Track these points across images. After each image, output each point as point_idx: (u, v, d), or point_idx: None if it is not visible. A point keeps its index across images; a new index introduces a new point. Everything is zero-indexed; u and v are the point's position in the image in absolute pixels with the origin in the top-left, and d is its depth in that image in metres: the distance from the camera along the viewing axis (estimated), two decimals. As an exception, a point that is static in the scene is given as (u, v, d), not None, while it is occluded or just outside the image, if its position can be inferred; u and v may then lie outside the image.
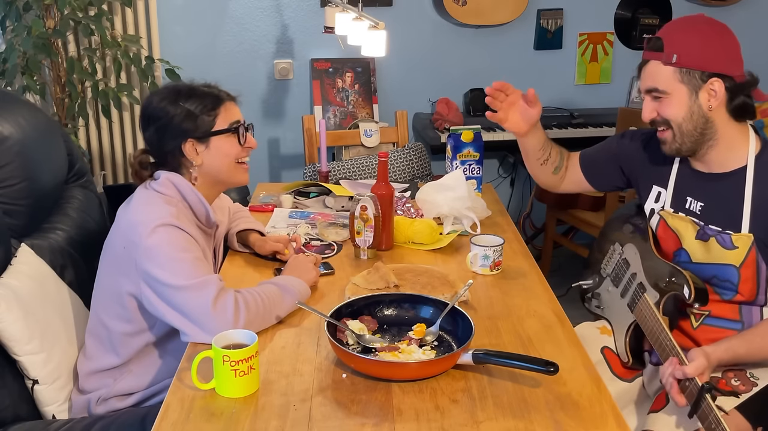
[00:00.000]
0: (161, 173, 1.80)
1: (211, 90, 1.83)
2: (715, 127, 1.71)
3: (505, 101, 1.97)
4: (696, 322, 1.79)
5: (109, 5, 3.41)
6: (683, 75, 1.68)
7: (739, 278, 1.71)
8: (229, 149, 1.81)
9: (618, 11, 3.89)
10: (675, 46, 1.67)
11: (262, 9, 3.70)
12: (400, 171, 3.12)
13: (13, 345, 1.75)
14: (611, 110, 3.74)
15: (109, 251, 1.79)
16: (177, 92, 1.79)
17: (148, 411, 1.71)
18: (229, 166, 1.83)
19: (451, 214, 2.23)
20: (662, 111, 1.73)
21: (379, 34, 2.56)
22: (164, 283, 1.63)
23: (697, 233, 1.77)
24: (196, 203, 1.80)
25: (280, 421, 1.35)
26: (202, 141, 1.79)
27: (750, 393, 1.66)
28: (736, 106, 1.69)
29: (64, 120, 3.28)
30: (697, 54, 1.67)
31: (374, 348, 1.57)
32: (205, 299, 1.60)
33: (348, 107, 3.71)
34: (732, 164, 1.73)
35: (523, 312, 1.76)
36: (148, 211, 1.71)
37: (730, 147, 1.73)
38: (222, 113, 1.80)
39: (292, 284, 1.76)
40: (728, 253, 1.71)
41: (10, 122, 2.01)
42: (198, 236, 1.77)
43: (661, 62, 1.70)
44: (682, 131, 1.72)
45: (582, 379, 1.48)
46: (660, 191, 1.88)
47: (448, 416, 1.36)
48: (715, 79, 1.67)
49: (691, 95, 1.69)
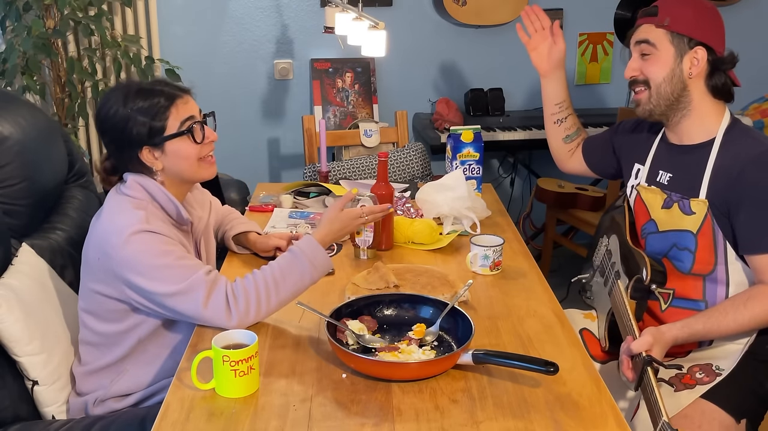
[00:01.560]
0: (129, 175, 1.76)
1: (161, 88, 1.72)
2: (690, 96, 1.79)
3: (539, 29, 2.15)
4: (664, 304, 1.84)
5: (109, 5, 3.41)
6: (673, 37, 1.77)
7: (696, 245, 1.77)
8: (187, 149, 1.73)
9: (618, 11, 3.89)
10: (669, 12, 1.78)
11: (262, 9, 3.71)
12: (400, 171, 3.12)
13: (14, 345, 1.75)
14: (611, 110, 3.74)
15: (84, 261, 1.76)
16: (126, 96, 1.70)
17: (148, 411, 1.71)
18: (190, 166, 1.75)
19: (451, 214, 2.23)
20: (645, 69, 1.82)
21: (379, 34, 2.56)
22: (151, 292, 1.62)
23: (664, 202, 1.84)
24: (165, 202, 1.76)
25: (280, 421, 1.35)
26: (158, 147, 1.71)
27: (712, 383, 1.71)
28: (716, 84, 1.78)
29: (64, 120, 3.29)
30: (688, 21, 1.76)
31: (374, 348, 1.57)
32: (195, 303, 1.59)
33: (348, 107, 3.71)
34: (702, 137, 1.80)
35: (523, 312, 1.76)
36: (117, 220, 1.67)
37: (701, 120, 1.80)
38: (173, 114, 1.70)
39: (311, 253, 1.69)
40: (687, 218, 1.78)
41: (10, 122, 2.00)
42: (174, 234, 1.73)
43: (653, 25, 1.79)
44: (660, 92, 1.80)
45: (582, 379, 1.48)
46: (639, 167, 1.96)
47: (448, 416, 1.36)
48: (700, 48, 1.75)
49: (675, 58, 1.77)
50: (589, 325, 1.99)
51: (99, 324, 1.77)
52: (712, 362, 1.75)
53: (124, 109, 1.69)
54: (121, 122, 1.70)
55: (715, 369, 1.74)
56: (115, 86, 1.80)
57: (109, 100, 1.72)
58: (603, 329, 1.90)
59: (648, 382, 1.53)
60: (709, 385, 1.71)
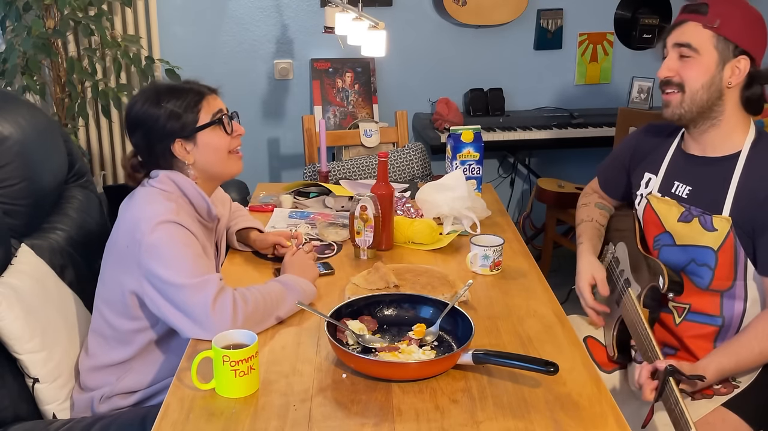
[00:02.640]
0: (158, 171, 1.80)
1: (191, 86, 1.82)
2: (723, 106, 1.72)
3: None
4: (678, 317, 1.81)
5: (109, 5, 3.41)
6: (719, 42, 1.69)
7: (716, 261, 1.72)
8: (218, 141, 1.81)
9: (618, 11, 3.89)
10: (720, 12, 1.68)
11: (262, 9, 3.71)
12: (400, 171, 3.12)
13: (14, 343, 1.76)
14: (611, 110, 3.74)
15: (112, 249, 1.79)
16: (157, 94, 1.78)
17: (149, 411, 1.71)
18: (221, 159, 1.82)
19: (451, 214, 2.23)
20: (683, 72, 1.73)
21: (379, 34, 2.56)
22: (166, 281, 1.63)
23: (681, 215, 1.78)
24: (196, 197, 1.81)
25: (280, 421, 1.35)
26: (190, 139, 1.78)
27: (730, 395, 1.69)
28: (750, 95, 1.72)
29: (64, 120, 3.29)
30: (739, 27, 1.68)
31: (374, 348, 1.57)
32: (204, 299, 1.60)
33: (348, 107, 3.71)
34: (727, 149, 1.75)
35: (523, 312, 1.76)
36: (149, 208, 1.71)
37: (730, 132, 1.74)
38: (204, 107, 1.79)
39: (297, 283, 1.77)
40: (708, 235, 1.73)
41: (10, 122, 2.01)
42: (198, 232, 1.77)
43: (701, 24, 1.70)
44: (694, 98, 1.72)
45: (582, 379, 1.48)
46: (650, 177, 1.90)
47: (448, 416, 1.36)
48: (744, 57, 1.69)
49: (718, 64, 1.70)
50: (594, 332, 1.96)
51: (114, 317, 1.79)
52: None
53: (156, 106, 1.77)
54: (152, 117, 1.76)
55: (731, 380, 1.71)
56: (144, 88, 1.86)
57: (139, 100, 1.79)
58: (611, 337, 1.86)
59: (671, 393, 1.49)
60: (726, 396, 1.68)
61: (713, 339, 1.76)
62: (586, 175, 4.06)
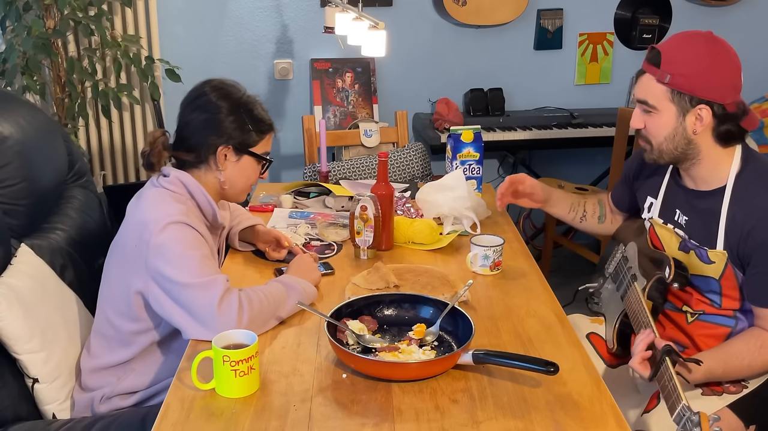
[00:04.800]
0: (170, 170, 1.81)
1: (266, 116, 1.91)
2: (698, 148, 1.72)
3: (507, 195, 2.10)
4: (691, 317, 1.82)
5: (109, 5, 3.41)
6: (674, 95, 1.68)
7: (721, 288, 1.75)
8: (252, 172, 1.88)
9: (618, 11, 3.89)
10: (672, 65, 1.67)
11: (262, 9, 3.70)
12: (400, 171, 3.12)
13: (14, 343, 1.75)
14: (611, 110, 3.74)
15: (119, 248, 1.80)
16: (239, 100, 1.84)
17: (149, 411, 1.71)
18: (242, 187, 1.90)
19: (451, 214, 2.22)
20: (648, 126, 1.75)
21: (379, 34, 2.56)
22: (172, 280, 1.63)
23: (680, 245, 1.81)
24: (204, 202, 1.82)
25: (280, 421, 1.35)
26: (238, 153, 1.83)
27: (739, 394, 1.70)
28: (722, 133, 1.70)
29: (64, 120, 3.28)
30: (691, 78, 1.66)
31: (374, 348, 1.57)
32: (211, 299, 1.61)
33: (348, 107, 3.71)
34: (714, 183, 1.74)
35: (523, 312, 1.76)
36: (158, 209, 1.72)
37: (713, 167, 1.74)
38: (265, 140, 1.89)
39: (298, 284, 1.77)
40: (707, 267, 1.75)
41: (10, 122, 2.01)
42: (206, 235, 1.79)
43: (654, 79, 1.70)
44: (662, 149, 1.75)
45: (582, 379, 1.48)
46: (652, 201, 1.91)
47: (448, 416, 1.36)
48: (704, 106, 1.66)
49: (678, 116, 1.69)
50: (597, 329, 1.97)
51: (117, 318, 1.79)
52: None
53: (233, 106, 1.82)
54: (225, 113, 1.81)
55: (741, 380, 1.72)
56: (231, 84, 1.89)
57: (219, 90, 1.83)
58: (611, 331, 1.88)
59: (666, 370, 1.52)
60: (736, 395, 1.69)
61: (725, 339, 1.77)
62: (586, 175, 4.08)
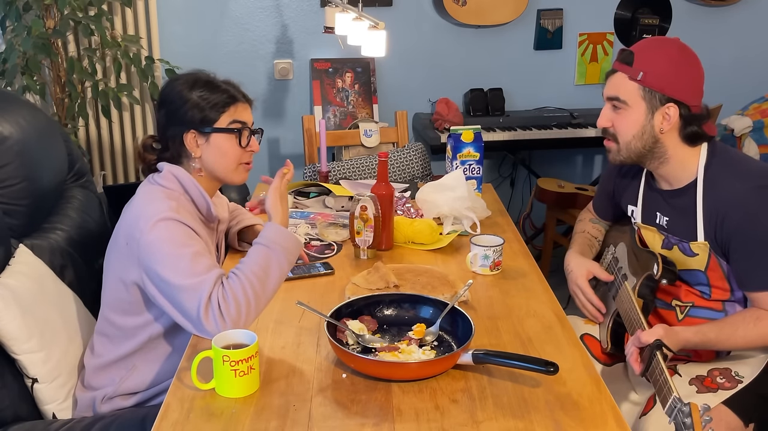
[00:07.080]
0: (164, 165, 1.81)
1: (227, 88, 1.82)
2: (664, 147, 1.77)
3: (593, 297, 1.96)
4: (681, 314, 1.84)
5: (109, 5, 3.41)
6: (645, 93, 1.74)
7: (708, 279, 1.79)
8: (229, 149, 1.80)
9: (618, 11, 3.89)
10: (644, 63, 1.73)
11: (262, 9, 3.70)
12: (400, 171, 3.12)
13: (12, 343, 1.75)
14: (611, 110, 3.73)
15: (113, 247, 1.79)
16: (195, 81, 1.81)
17: (149, 411, 1.71)
18: (227, 166, 1.81)
19: (451, 214, 2.23)
20: (616, 123, 1.80)
21: (379, 34, 2.56)
22: (163, 279, 1.62)
23: (663, 242, 1.85)
24: (197, 196, 1.81)
25: (280, 421, 1.35)
26: (203, 134, 1.79)
27: (734, 389, 1.71)
28: (689, 134, 1.75)
29: (64, 120, 3.28)
30: (663, 76, 1.72)
31: (374, 348, 1.57)
32: (198, 303, 1.57)
33: (348, 107, 3.71)
34: (686, 179, 1.79)
35: (523, 312, 1.76)
36: (149, 206, 1.71)
37: (681, 165, 1.79)
38: (229, 112, 1.79)
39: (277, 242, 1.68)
40: (691, 260, 1.79)
41: (10, 122, 2.01)
42: (200, 230, 1.77)
43: (627, 76, 1.75)
44: (629, 147, 1.79)
45: (582, 379, 1.49)
46: (633, 209, 1.95)
47: (448, 416, 1.36)
48: (672, 105, 1.72)
49: (647, 114, 1.74)
50: (591, 330, 1.98)
51: (119, 317, 1.79)
52: (731, 367, 1.75)
53: (188, 91, 1.79)
54: (179, 101, 1.79)
55: (734, 374, 1.73)
56: (189, 71, 1.87)
57: (179, 80, 1.83)
58: (605, 332, 1.89)
59: (657, 365, 1.53)
60: (731, 391, 1.70)
61: None
62: (586, 175, 4.08)
